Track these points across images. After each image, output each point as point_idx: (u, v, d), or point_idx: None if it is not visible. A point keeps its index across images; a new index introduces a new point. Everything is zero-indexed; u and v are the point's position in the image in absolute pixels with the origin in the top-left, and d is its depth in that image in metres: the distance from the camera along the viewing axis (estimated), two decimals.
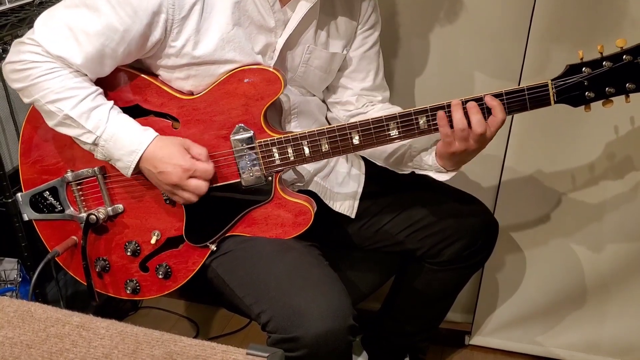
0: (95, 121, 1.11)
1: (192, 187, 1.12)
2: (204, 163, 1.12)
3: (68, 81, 1.10)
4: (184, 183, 1.11)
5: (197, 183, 1.12)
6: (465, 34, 1.48)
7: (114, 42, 1.08)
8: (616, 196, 1.51)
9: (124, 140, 1.11)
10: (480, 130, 1.07)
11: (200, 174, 1.12)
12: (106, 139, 1.11)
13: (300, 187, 1.29)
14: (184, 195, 1.13)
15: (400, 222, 1.35)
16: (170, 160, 1.10)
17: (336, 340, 1.05)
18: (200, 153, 1.13)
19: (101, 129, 1.11)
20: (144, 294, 1.27)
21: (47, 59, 1.09)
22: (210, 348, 0.79)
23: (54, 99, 1.09)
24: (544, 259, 1.63)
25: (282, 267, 1.13)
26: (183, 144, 1.13)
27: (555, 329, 1.69)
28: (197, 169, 1.11)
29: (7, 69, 1.13)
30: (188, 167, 1.10)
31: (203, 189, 1.13)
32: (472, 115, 1.07)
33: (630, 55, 1.04)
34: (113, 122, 1.11)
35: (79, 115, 1.10)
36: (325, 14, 1.22)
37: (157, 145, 1.12)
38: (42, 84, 1.09)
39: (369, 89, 1.34)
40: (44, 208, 1.25)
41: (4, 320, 0.86)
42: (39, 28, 1.09)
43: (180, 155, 1.11)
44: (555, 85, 1.07)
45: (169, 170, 1.10)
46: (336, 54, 1.26)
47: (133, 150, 1.11)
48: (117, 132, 1.11)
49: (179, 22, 1.08)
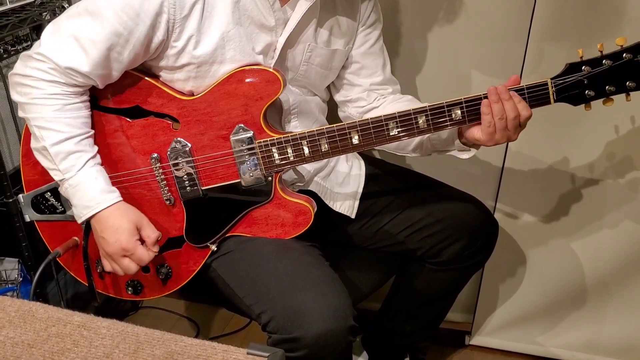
0: (69, 165, 1.11)
1: (123, 266, 1.14)
2: (143, 249, 1.13)
3: (63, 113, 1.10)
4: (117, 258, 1.14)
5: (128, 265, 1.14)
6: (466, 33, 1.48)
7: (119, 46, 1.08)
8: (616, 196, 1.51)
9: (84, 193, 1.12)
10: (527, 114, 1.07)
11: (135, 258, 1.13)
12: (71, 184, 1.12)
13: (300, 187, 1.29)
14: (112, 266, 1.16)
15: (400, 222, 1.35)
16: (114, 234, 1.12)
17: (336, 340, 1.05)
18: (149, 236, 1.15)
19: (70, 173, 1.12)
20: (145, 294, 1.27)
21: (53, 78, 1.09)
22: (211, 348, 0.79)
23: (42, 125, 1.10)
24: (544, 259, 1.63)
25: (282, 267, 1.13)
26: (138, 222, 1.14)
27: (555, 329, 1.69)
28: (134, 253, 1.13)
29: (13, 79, 1.13)
30: (127, 248, 1.12)
31: (133, 270, 1.15)
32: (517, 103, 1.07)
33: (630, 54, 1.04)
34: (84, 172, 1.12)
35: (55, 153, 1.10)
36: (326, 12, 1.22)
37: (112, 212, 1.13)
38: (37, 106, 1.10)
39: (379, 83, 1.34)
40: (46, 209, 1.25)
41: (6, 320, 0.86)
42: (46, 41, 1.09)
43: (128, 233, 1.12)
44: (555, 84, 1.07)
45: (110, 242, 1.12)
46: (337, 50, 1.26)
47: (89, 206, 1.12)
48: (83, 182, 1.12)
49: (180, 21, 1.09)
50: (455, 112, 1.10)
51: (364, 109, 1.35)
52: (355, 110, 1.36)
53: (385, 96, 1.34)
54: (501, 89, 1.07)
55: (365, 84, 1.33)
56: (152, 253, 1.15)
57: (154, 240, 1.15)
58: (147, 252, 1.14)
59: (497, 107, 1.07)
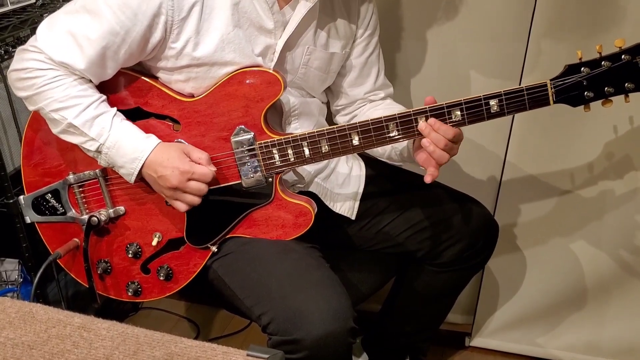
0: (99, 129, 1.11)
1: (193, 189, 1.12)
2: (202, 167, 1.12)
3: (71, 89, 1.10)
4: (184, 186, 1.12)
5: (197, 185, 1.12)
6: (466, 34, 1.48)
7: (115, 45, 1.08)
8: (616, 196, 1.51)
9: (126, 148, 1.12)
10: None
11: (199, 176, 1.12)
12: (109, 146, 1.12)
13: (300, 188, 1.29)
14: (185, 199, 1.13)
15: (400, 224, 1.35)
16: (169, 164, 1.11)
17: (336, 342, 1.05)
18: (200, 157, 1.13)
19: (104, 136, 1.11)
20: (145, 295, 1.27)
21: (50, 66, 1.09)
22: (211, 349, 0.79)
23: (57, 107, 1.10)
24: (544, 260, 1.63)
25: (283, 269, 1.13)
26: (184, 149, 1.14)
27: (556, 331, 1.69)
28: (195, 172, 1.11)
29: (12, 77, 1.14)
30: (186, 170, 1.11)
31: (203, 190, 1.13)
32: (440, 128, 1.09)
33: (629, 55, 1.04)
34: (116, 129, 1.12)
35: (82, 123, 1.10)
36: (325, 15, 1.22)
37: (158, 151, 1.12)
38: (45, 92, 1.10)
39: (371, 90, 1.35)
40: (46, 210, 1.25)
41: (6, 321, 0.86)
42: (42, 35, 1.09)
43: (179, 159, 1.11)
44: (554, 85, 1.07)
45: (168, 173, 1.11)
46: (335, 53, 1.26)
47: (136, 157, 1.12)
48: (120, 139, 1.12)
49: (178, 23, 1.09)
50: (455, 114, 1.10)
51: (350, 116, 1.37)
52: (343, 119, 1.38)
53: (376, 101, 1.36)
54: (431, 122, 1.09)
55: (360, 94, 1.35)
56: (212, 168, 1.13)
57: (207, 159, 1.14)
58: (206, 168, 1.12)
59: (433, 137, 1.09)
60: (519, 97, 1.08)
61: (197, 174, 1.12)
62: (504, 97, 1.08)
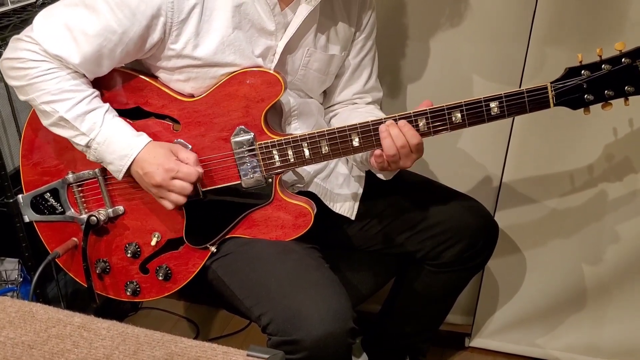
0: (90, 124, 1.11)
1: (177, 188, 1.12)
2: (188, 166, 1.12)
3: (65, 83, 1.10)
4: (167, 184, 1.11)
5: (181, 184, 1.11)
6: (467, 36, 1.48)
7: (111, 43, 1.08)
8: (616, 198, 1.51)
9: (117, 144, 1.12)
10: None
11: (183, 175, 1.11)
12: (99, 142, 1.12)
13: (300, 188, 1.29)
14: (170, 197, 1.13)
15: (400, 224, 1.35)
16: (154, 161, 1.11)
17: (336, 343, 1.05)
18: (187, 157, 1.13)
19: (95, 132, 1.11)
20: (144, 295, 1.27)
21: (44, 58, 1.09)
22: (210, 349, 0.79)
23: (49, 100, 1.10)
24: (544, 261, 1.63)
25: (282, 269, 1.13)
26: (172, 148, 1.14)
27: (556, 331, 1.69)
28: (179, 170, 1.11)
29: (4, 65, 1.13)
30: (170, 168, 1.10)
31: (187, 189, 1.12)
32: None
33: (629, 58, 1.04)
34: (107, 126, 1.12)
35: (73, 117, 1.10)
36: (325, 17, 1.22)
37: (147, 149, 1.12)
38: (38, 84, 1.10)
39: (360, 92, 1.35)
40: (45, 210, 1.25)
41: (6, 321, 0.86)
42: (38, 26, 1.09)
43: (165, 157, 1.11)
44: (555, 87, 1.07)
45: (152, 170, 1.11)
46: (335, 55, 1.26)
47: (125, 154, 1.12)
48: (111, 136, 1.12)
49: (177, 25, 1.09)
50: (456, 116, 1.10)
51: (332, 114, 1.37)
52: (326, 117, 1.38)
53: (360, 105, 1.35)
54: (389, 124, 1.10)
55: (349, 94, 1.35)
56: (199, 169, 1.13)
57: (194, 159, 1.13)
58: (192, 168, 1.12)
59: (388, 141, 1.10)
60: (519, 100, 1.08)
61: (181, 173, 1.11)
62: (504, 100, 1.08)
